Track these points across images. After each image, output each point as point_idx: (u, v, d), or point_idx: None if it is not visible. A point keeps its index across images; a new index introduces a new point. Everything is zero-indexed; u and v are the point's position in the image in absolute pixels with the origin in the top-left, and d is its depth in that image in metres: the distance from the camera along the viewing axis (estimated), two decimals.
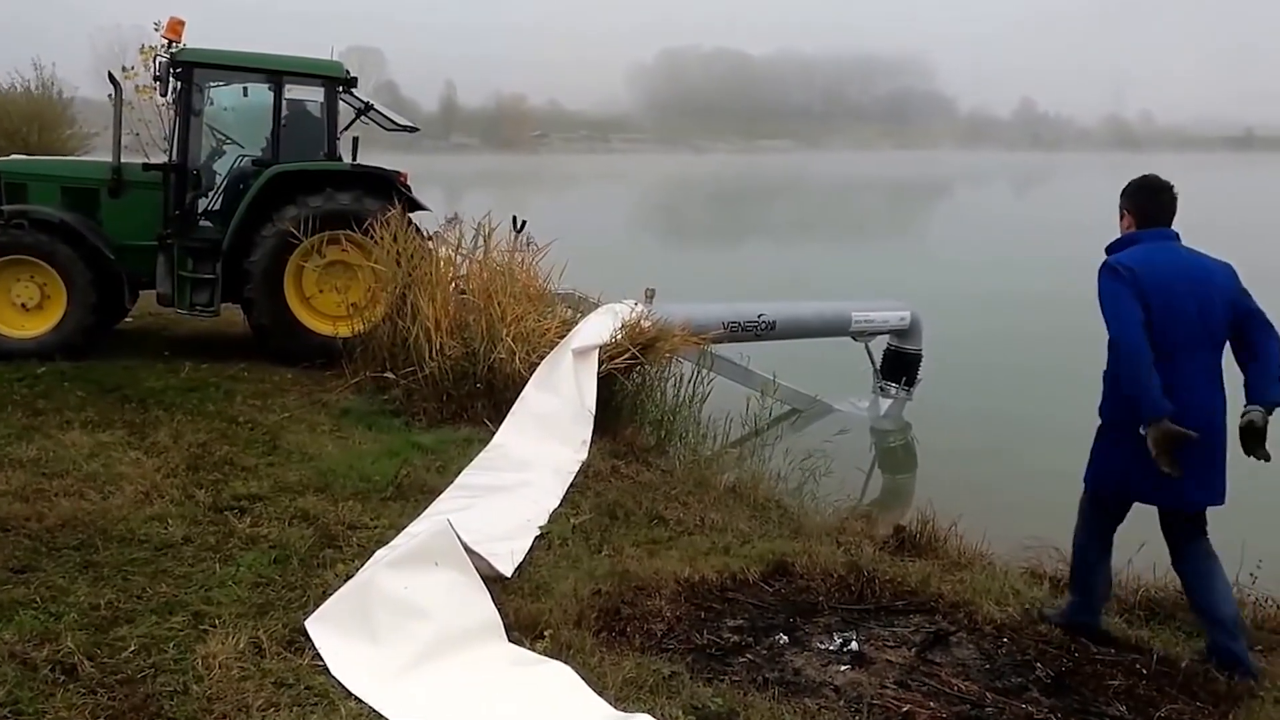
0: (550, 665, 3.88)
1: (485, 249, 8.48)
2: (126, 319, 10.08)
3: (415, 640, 3.94)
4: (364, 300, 8.66)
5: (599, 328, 7.74)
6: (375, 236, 8.38)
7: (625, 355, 7.55)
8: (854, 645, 4.28)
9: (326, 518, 5.32)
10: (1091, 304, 4.38)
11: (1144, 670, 4.23)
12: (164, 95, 9.26)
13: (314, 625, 4.06)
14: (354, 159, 9.58)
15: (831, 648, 4.28)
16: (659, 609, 4.50)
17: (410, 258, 8.23)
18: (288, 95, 9.26)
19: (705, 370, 8.52)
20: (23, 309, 8.64)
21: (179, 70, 8.92)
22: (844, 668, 4.12)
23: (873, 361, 11.15)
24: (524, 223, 9.00)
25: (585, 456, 6.77)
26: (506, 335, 7.59)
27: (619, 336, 7.65)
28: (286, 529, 5.14)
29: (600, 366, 7.41)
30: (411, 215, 8.84)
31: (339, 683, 3.71)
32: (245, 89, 9.53)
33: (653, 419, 8.09)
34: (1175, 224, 4.49)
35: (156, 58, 9.29)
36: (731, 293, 13.74)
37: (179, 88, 8.96)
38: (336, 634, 3.99)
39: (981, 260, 23.13)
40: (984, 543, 5.96)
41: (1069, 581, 4.81)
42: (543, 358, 7.52)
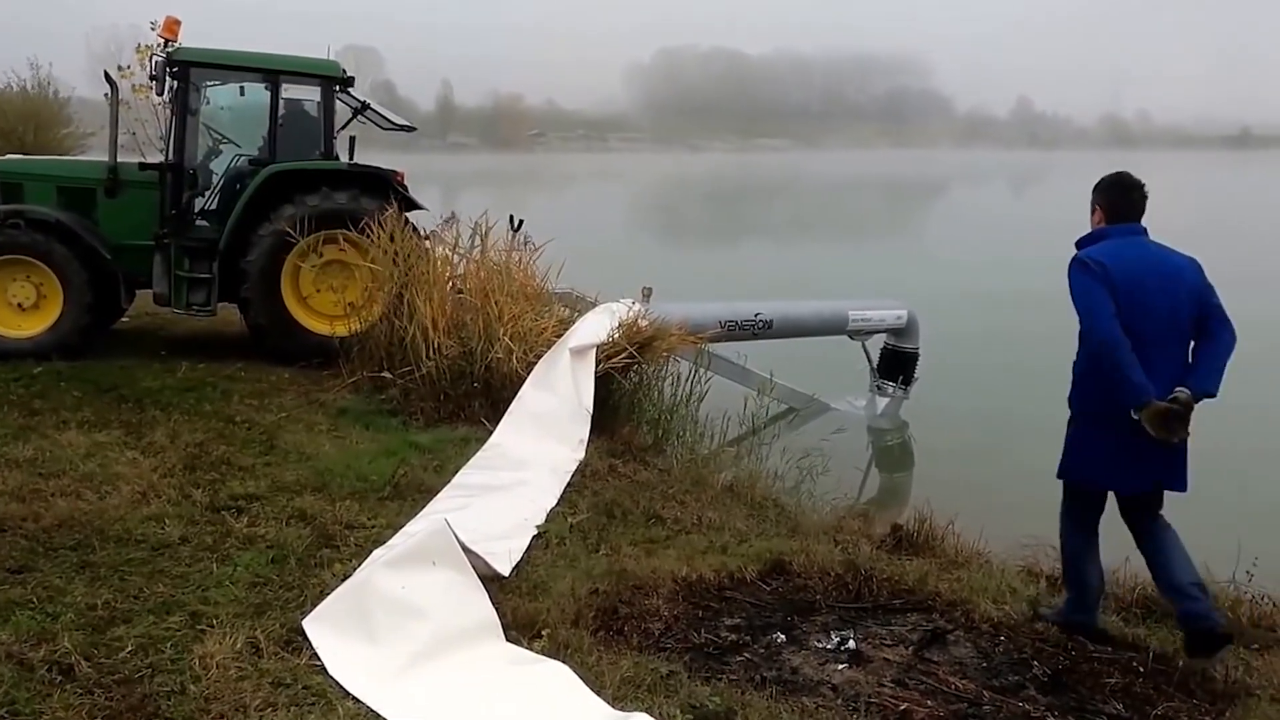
0: (548, 664, 3.87)
1: (482, 248, 8.48)
2: (123, 319, 10.06)
3: (413, 640, 3.93)
4: (361, 300, 8.65)
5: (596, 327, 7.74)
6: (372, 236, 8.38)
7: (622, 354, 7.56)
8: (851, 644, 4.29)
9: (324, 517, 5.31)
10: None
11: (1140, 668, 4.24)
12: (160, 94, 9.25)
13: (311, 625, 4.05)
14: (351, 158, 9.57)
15: (829, 646, 4.28)
16: (656, 608, 4.50)
17: (407, 257, 8.23)
18: (284, 95, 9.24)
19: (702, 369, 8.52)
20: (19, 309, 8.62)
21: (175, 69, 8.91)
22: (841, 666, 4.12)
23: (870, 360, 11.16)
24: (521, 222, 9.00)
25: (582, 456, 6.77)
26: (504, 334, 7.59)
27: (616, 336, 7.66)
28: (284, 529, 5.13)
29: (598, 366, 7.41)
30: (408, 214, 8.84)
31: (336, 682, 3.70)
32: (242, 88, 9.51)
33: (650, 418, 8.09)
34: (1173, 223, 4.51)
35: (153, 57, 9.28)
36: (729, 292, 13.77)
37: (175, 87, 8.95)
38: (334, 634, 3.98)
39: (978, 259, 23.15)
40: (981, 541, 5.97)
41: (1063, 579, 4.82)
42: (540, 357, 7.51)
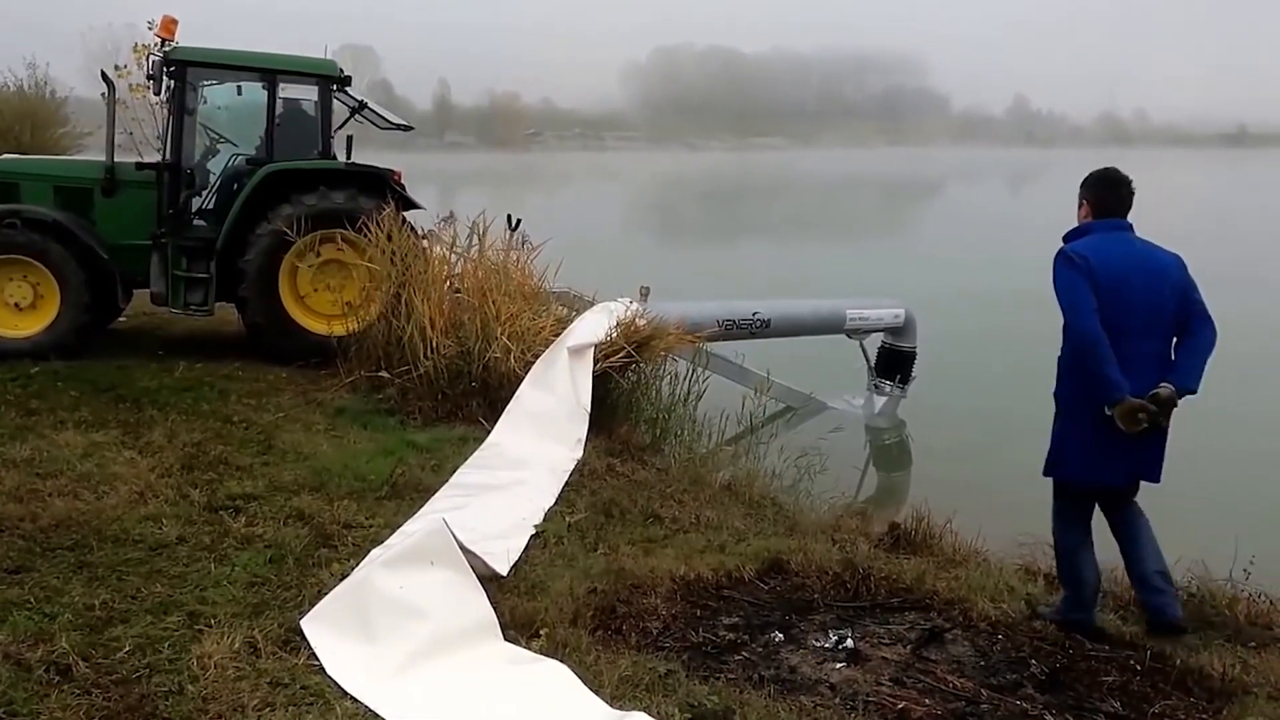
0: (546, 664, 3.87)
1: (480, 248, 8.48)
2: (120, 318, 10.05)
3: (411, 639, 3.93)
4: (358, 299, 8.65)
5: (594, 326, 7.75)
6: (370, 235, 8.37)
7: (620, 353, 7.56)
8: (849, 643, 4.29)
9: (322, 517, 5.31)
10: None
11: (1138, 666, 4.24)
12: (157, 94, 9.25)
13: (309, 625, 4.05)
14: (348, 157, 9.56)
15: (827, 645, 4.28)
16: (655, 607, 4.51)
17: (405, 256, 8.23)
18: (282, 94, 9.23)
19: (700, 368, 8.53)
20: (16, 309, 8.60)
21: (172, 69, 8.90)
22: (839, 665, 4.12)
23: (867, 359, 11.16)
24: (519, 221, 9.00)
25: (580, 455, 6.77)
26: (501, 334, 7.59)
27: (614, 335, 7.66)
28: (281, 528, 5.13)
29: (595, 365, 7.41)
30: (406, 214, 8.84)
31: (335, 682, 3.70)
32: (239, 88, 9.49)
33: (648, 417, 8.09)
34: (1171, 221, 4.53)
35: (150, 56, 9.27)
36: (726, 291, 13.76)
37: (172, 86, 8.94)
38: (332, 633, 3.98)
39: (975, 258, 23.16)
40: (978, 540, 5.98)
41: (1058, 578, 4.83)
42: (538, 356, 7.51)
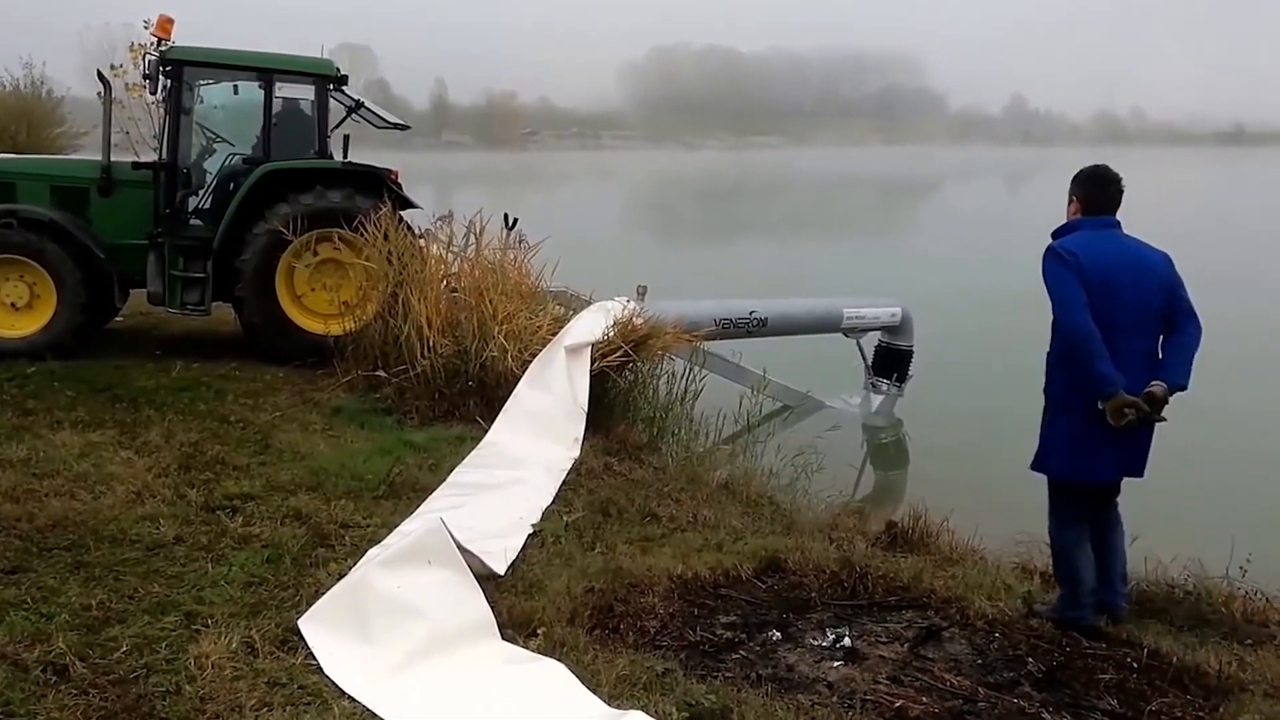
0: (544, 663, 3.87)
1: (477, 247, 8.48)
2: (117, 318, 10.03)
3: (409, 639, 3.93)
4: (355, 298, 8.64)
5: (591, 325, 7.75)
6: (367, 235, 8.37)
7: (618, 352, 7.56)
8: (847, 641, 4.29)
9: (319, 516, 5.31)
10: None
11: (1135, 664, 4.25)
12: (154, 93, 9.22)
13: (307, 624, 4.05)
14: (345, 157, 9.56)
15: (824, 644, 4.29)
16: (652, 606, 4.51)
17: (401, 256, 8.22)
18: (278, 93, 9.22)
19: (697, 367, 8.53)
20: (12, 308, 8.59)
21: (169, 68, 8.88)
22: (837, 664, 4.13)
23: (864, 358, 11.17)
24: (515, 220, 8.99)
25: (578, 454, 6.77)
26: (498, 333, 7.58)
27: (611, 334, 7.66)
28: (279, 528, 5.13)
29: (593, 364, 7.41)
30: (402, 213, 8.83)
31: (332, 682, 3.70)
32: (236, 87, 9.48)
33: (645, 416, 8.10)
34: (1167, 221, 4.55)
35: (146, 56, 9.25)
36: (723, 289, 13.75)
37: (169, 86, 8.93)
38: (330, 633, 3.98)
39: (972, 256, 23.16)
40: (976, 538, 5.99)
41: (1054, 576, 4.84)
42: (535, 355, 7.51)
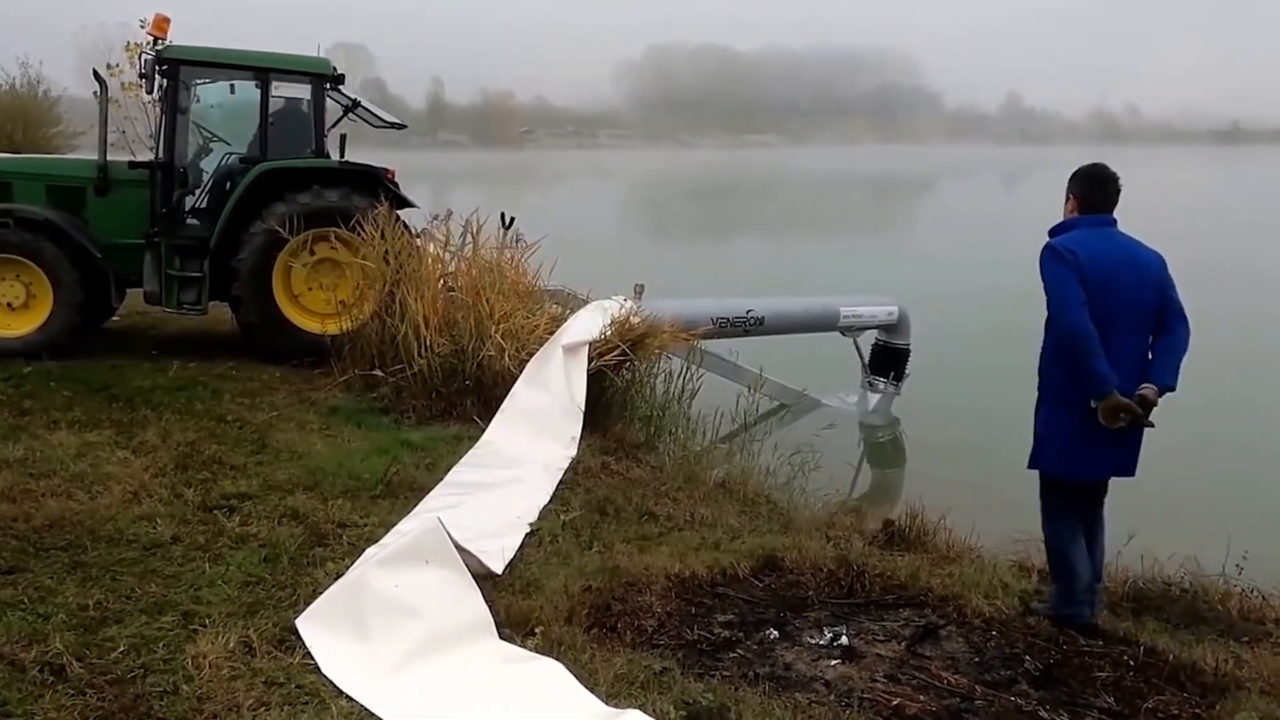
0: (541, 662, 3.87)
1: (474, 246, 8.47)
2: (114, 318, 10.02)
3: (406, 638, 3.93)
4: (352, 298, 8.63)
5: (588, 324, 7.75)
6: (363, 234, 8.36)
7: (615, 352, 7.56)
8: (844, 639, 4.30)
9: (316, 516, 5.31)
10: None
11: (1131, 662, 4.26)
12: (150, 93, 9.20)
13: (304, 624, 4.05)
14: (342, 156, 9.54)
15: (821, 642, 4.29)
16: (649, 605, 4.51)
17: (398, 255, 8.22)
18: (275, 93, 9.22)
19: (694, 366, 8.53)
20: (9, 308, 8.58)
21: (165, 68, 8.86)
22: (834, 662, 4.13)
23: (861, 357, 11.18)
24: (512, 220, 8.99)
25: (575, 453, 6.77)
26: (495, 332, 7.58)
27: (608, 333, 7.66)
28: (276, 528, 5.12)
29: (590, 363, 7.41)
30: (399, 212, 8.82)
31: (330, 681, 3.70)
32: (232, 86, 9.48)
33: (642, 415, 8.10)
34: (1164, 220, 4.56)
35: (142, 55, 9.23)
36: (720, 288, 13.74)
37: (165, 85, 8.91)
38: (327, 633, 3.98)
39: (969, 255, 23.17)
40: (972, 536, 6.00)
41: (1050, 573, 4.85)
42: (532, 354, 7.51)
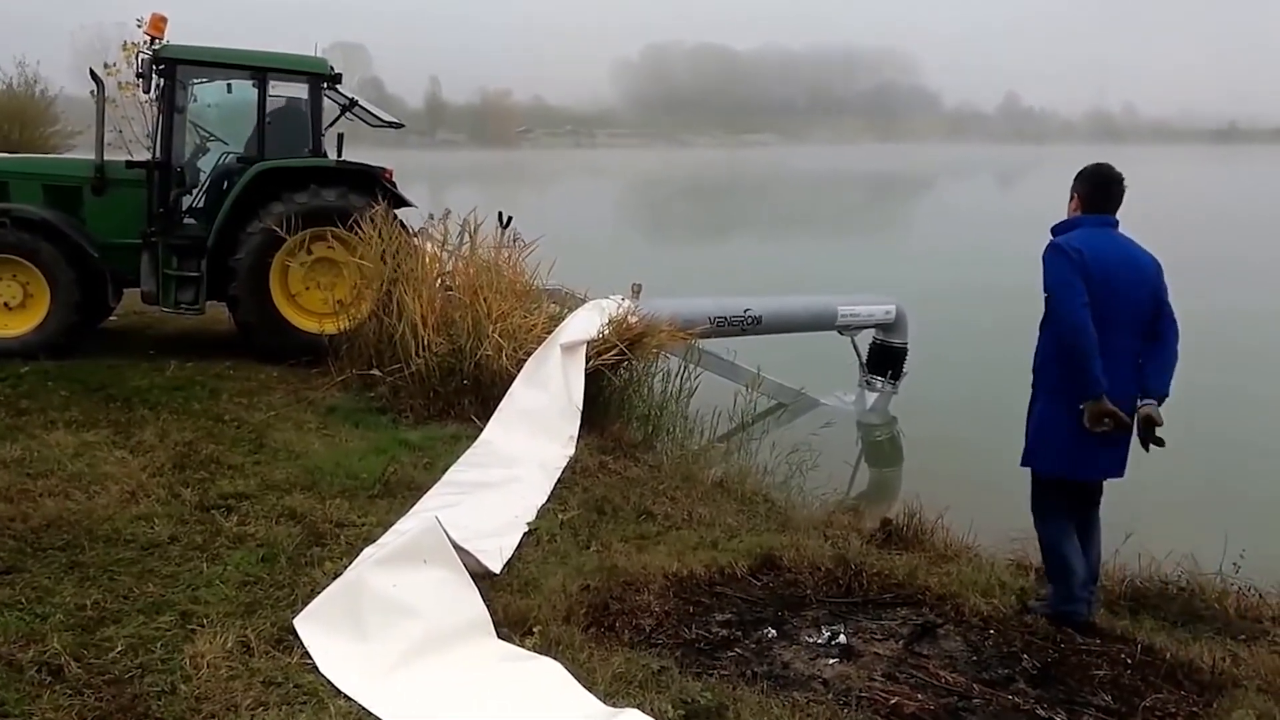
0: (539, 661, 3.87)
1: (471, 245, 8.47)
2: (111, 317, 10.02)
3: (404, 638, 3.93)
4: (350, 297, 8.63)
5: (586, 323, 7.74)
6: (361, 233, 8.35)
7: (613, 351, 7.56)
8: (842, 638, 4.30)
9: (314, 516, 5.30)
10: None
11: (1129, 660, 4.26)
12: (147, 92, 9.19)
13: (302, 624, 4.05)
14: (339, 155, 9.54)
15: (820, 641, 4.29)
16: (647, 604, 4.51)
17: (396, 254, 8.21)
18: (272, 92, 9.21)
19: (692, 365, 8.53)
20: (5, 308, 8.57)
21: (162, 67, 8.86)
22: (832, 661, 4.14)
23: (858, 355, 11.18)
24: (510, 219, 8.98)
25: (573, 452, 6.77)
26: (493, 332, 7.58)
27: (606, 332, 7.65)
28: (274, 527, 5.12)
29: (588, 362, 7.41)
30: (397, 211, 8.82)
31: (328, 681, 3.70)
32: (229, 86, 9.47)
33: (640, 414, 8.10)
34: (1162, 219, 4.57)
35: (139, 54, 9.22)
36: (718, 287, 13.75)
37: (162, 85, 8.90)
38: (325, 632, 3.98)
39: (966, 254, 23.19)
40: (970, 535, 6.00)
41: (1045, 572, 4.85)
42: (530, 354, 7.51)
